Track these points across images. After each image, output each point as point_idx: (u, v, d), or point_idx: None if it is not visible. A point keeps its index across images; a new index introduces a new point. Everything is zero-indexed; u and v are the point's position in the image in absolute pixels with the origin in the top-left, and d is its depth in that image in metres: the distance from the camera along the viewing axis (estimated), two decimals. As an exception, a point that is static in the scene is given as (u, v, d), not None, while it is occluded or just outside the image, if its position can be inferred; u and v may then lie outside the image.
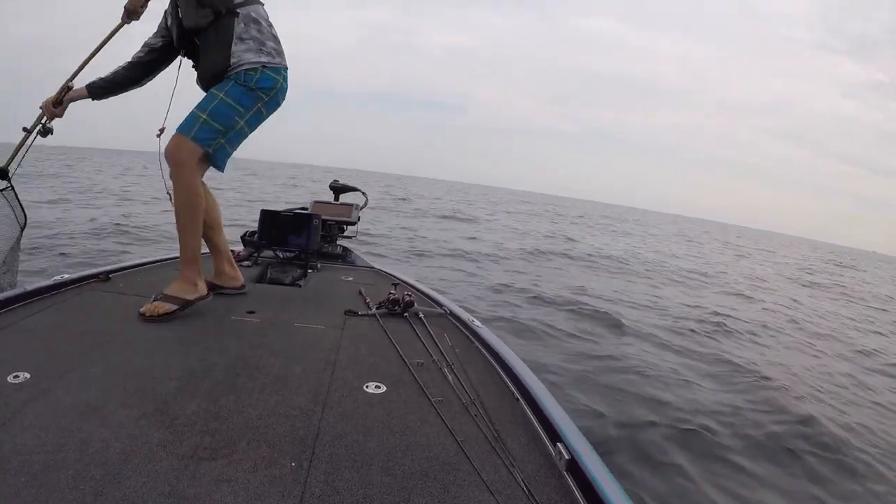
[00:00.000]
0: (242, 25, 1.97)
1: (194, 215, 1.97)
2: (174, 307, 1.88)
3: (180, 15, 1.96)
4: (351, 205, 3.57)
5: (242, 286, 2.33)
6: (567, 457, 1.08)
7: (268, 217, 3.20)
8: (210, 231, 2.21)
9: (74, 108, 2.13)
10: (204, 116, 1.89)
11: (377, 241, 9.11)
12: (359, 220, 3.57)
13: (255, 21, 1.99)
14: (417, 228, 12.78)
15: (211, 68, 1.96)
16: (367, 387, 1.44)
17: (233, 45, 1.94)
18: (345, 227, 3.60)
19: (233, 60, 1.94)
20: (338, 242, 3.64)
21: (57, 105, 2.08)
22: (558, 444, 1.13)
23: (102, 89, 2.10)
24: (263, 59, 1.97)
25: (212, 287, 2.23)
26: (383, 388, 1.44)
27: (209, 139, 1.91)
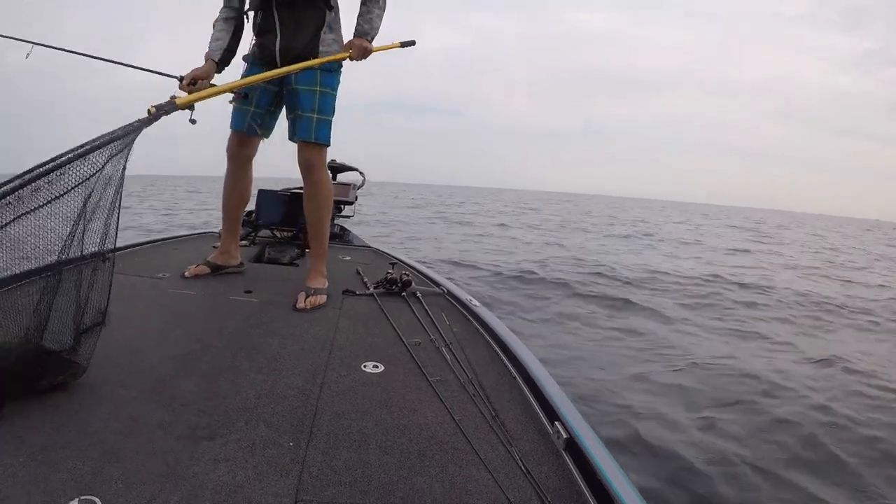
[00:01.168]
0: (334, 14, 2.01)
1: (330, 214, 2.17)
2: (325, 296, 2.01)
3: None
4: (349, 184, 3.55)
5: (241, 264, 2.36)
6: (565, 436, 1.08)
7: (265, 197, 3.17)
8: (239, 211, 2.30)
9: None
10: (316, 116, 1.99)
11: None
12: (356, 199, 3.55)
13: (338, 12, 2.03)
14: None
15: (296, 49, 1.94)
16: (364, 366, 1.44)
17: (323, 31, 1.97)
18: (342, 206, 3.58)
19: (321, 49, 1.97)
20: (335, 222, 3.63)
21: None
22: (556, 423, 1.14)
23: (227, 63, 2.03)
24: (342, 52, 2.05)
25: (215, 268, 2.24)
26: (381, 368, 1.44)
27: (328, 132, 2.03)
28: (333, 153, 3.27)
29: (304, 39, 1.94)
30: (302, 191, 3.23)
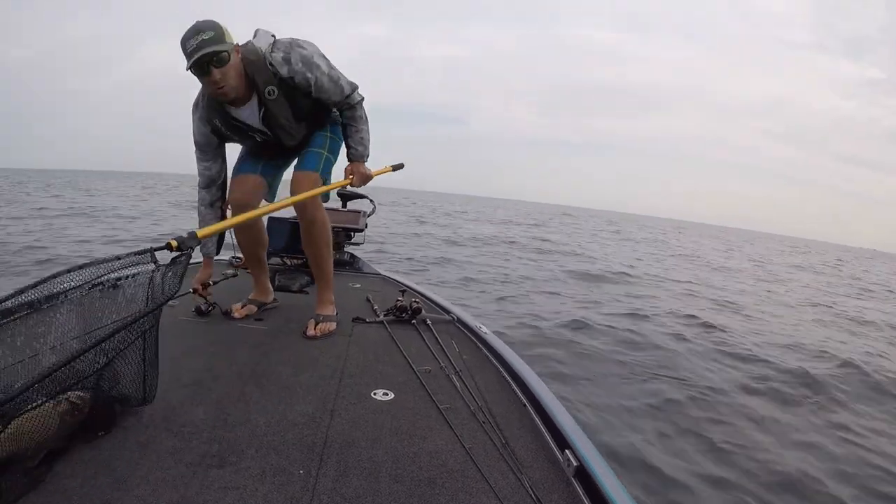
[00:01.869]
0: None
1: (331, 243, 2.11)
2: (335, 323, 2.03)
3: (275, 137, 1.91)
4: (358, 212, 3.58)
5: (275, 300, 2.36)
6: (575, 464, 1.07)
7: (275, 224, 3.21)
8: (260, 254, 2.26)
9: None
10: (325, 153, 2.00)
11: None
12: (366, 227, 3.58)
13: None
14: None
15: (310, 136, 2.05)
16: (374, 394, 1.44)
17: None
18: (352, 233, 3.61)
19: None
20: (345, 249, 3.66)
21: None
22: (566, 450, 1.13)
23: (218, 246, 2.15)
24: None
25: (260, 306, 2.23)
26: (391, 396, 1.44)
27: (329, 170, 2.02)
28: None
29: (316, 128, 2.04)
30: None
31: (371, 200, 3.76)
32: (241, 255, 3.37)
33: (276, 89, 1.76)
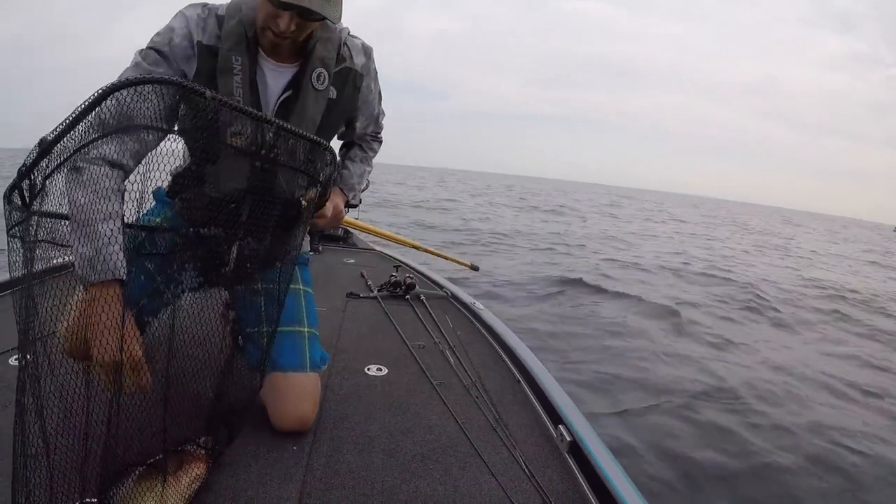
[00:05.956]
0: None
1: None
2: None
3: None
4: None
5: None
6: (569, 439, 1.08)
7: None
8: None
9: None
10: (303, 289, 1.47)
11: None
12: (360, 202, 3.56)
13: None
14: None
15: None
16: (368, 369, 1.44)
17: None
18: (346, 209, 3.58)
19: None
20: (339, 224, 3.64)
21: None
22: (560, 426, 1.13)
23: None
24: None
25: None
26: (385, 371, 1.44)
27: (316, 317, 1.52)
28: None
29: None
30: None
31: None
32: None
33: (328, 79, 1.13)
